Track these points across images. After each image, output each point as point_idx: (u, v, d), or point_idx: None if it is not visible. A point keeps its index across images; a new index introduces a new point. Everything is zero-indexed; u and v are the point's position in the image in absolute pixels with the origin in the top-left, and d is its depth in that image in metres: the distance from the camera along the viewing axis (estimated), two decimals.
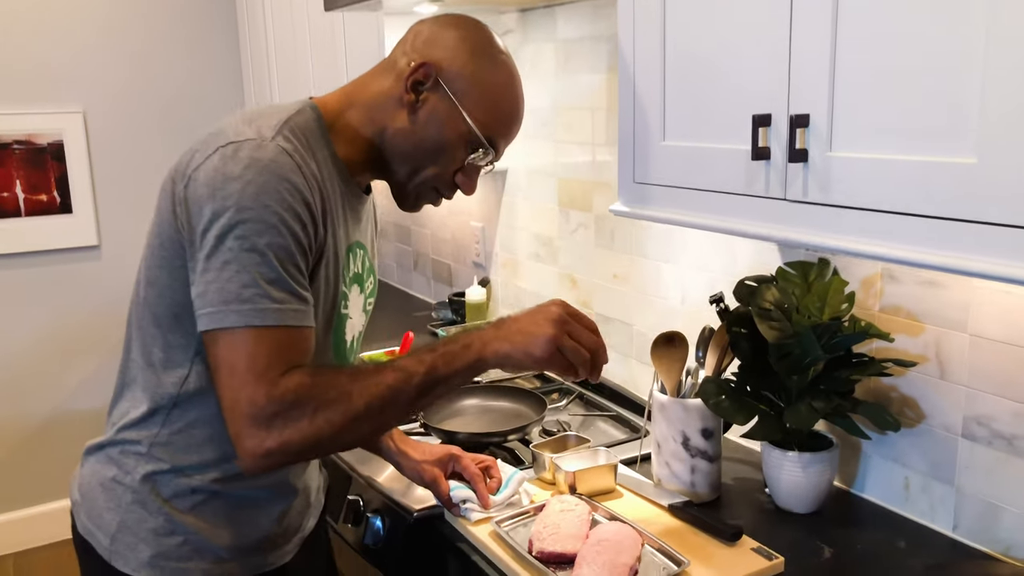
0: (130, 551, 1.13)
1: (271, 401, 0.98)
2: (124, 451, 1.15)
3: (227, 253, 0.99)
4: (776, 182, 1.10)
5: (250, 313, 0.99)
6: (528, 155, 2.25)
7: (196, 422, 1.13)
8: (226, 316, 0.99)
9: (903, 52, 0.94)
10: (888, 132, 0.97)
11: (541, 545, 1.24)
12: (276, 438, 0.98)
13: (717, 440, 1.44)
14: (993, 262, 0.88)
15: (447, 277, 2.85)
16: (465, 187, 1.21)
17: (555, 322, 1.06)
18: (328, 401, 1.00)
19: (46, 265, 3.28)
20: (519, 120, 1.21)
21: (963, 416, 1.28)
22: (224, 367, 1.00)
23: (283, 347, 1.01)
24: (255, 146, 1.03)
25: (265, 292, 1.00)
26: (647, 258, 1.87)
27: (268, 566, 1.22)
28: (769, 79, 1.09)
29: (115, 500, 1.15)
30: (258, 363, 0.99)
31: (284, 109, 1.12)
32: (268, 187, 1.00)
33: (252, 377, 0.98)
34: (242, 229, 0.99)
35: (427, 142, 1.15)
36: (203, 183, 1.02)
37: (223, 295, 0.99)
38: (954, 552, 1.28)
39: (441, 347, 1.07)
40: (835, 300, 1.30)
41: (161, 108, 3.44)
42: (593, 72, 1.95)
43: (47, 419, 3.37)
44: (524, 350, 1.05)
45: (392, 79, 1.16)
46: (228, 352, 1.00)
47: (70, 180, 3.25)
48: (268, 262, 1.00)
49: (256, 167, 1.01)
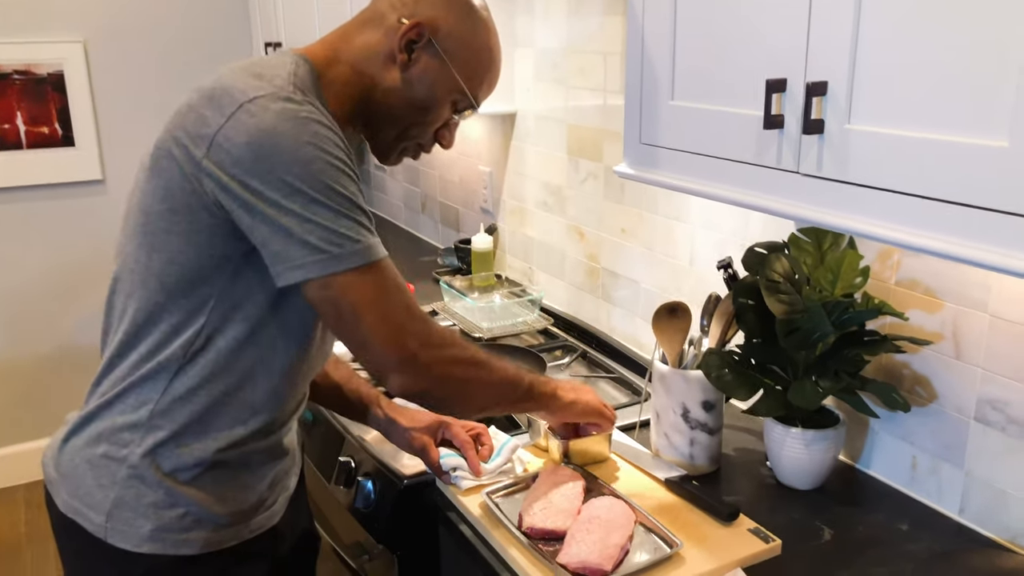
0: (128, 527, 1.10)
1: (435, 332, 1.08)
2: (117, 426, 1.11)
3: (315, 202, 0.98)
4: (789, 154, 1.03)
5: (369, 250, 1.01)
6: (538, 98, 2.15)
7: (199, 388, 1.10)
8: (347, 259, 1.00)
9: (934, 18, 0.85)
10: (912, 106, 0.88)
11: (531, 521, 1.21)
12: (443, 367, 1.09)
13: (718, 412, 1.39)
14: (1019, 257, 0.80)
15: (454, 221, 2.78)
16: (446, 141, 1.22)
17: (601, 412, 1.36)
18: (475, 360, 1.14)
19: (49, 199, 3.24)
20: (499, 74, 1.23)
21: (977, 399, 1.22)
22: (374, 305, 1.02)
23: (399, 275, 1.07)
24: (285, 98, 1.01)
25: (368, 228, 1.03)
26: (657, 214, 1.80)
27: (260, 528, 1.21)
28: (786, 41, 1.01)
29: (108, 476, 1.11)
30: (402, 295, 1.05)
31: (283, 63, 1.08)
32: (318, 135, 1.00)
33: (408, 308, 1.05)
34: (315, 176, 0.98)
35: (417, 100, 1.15)
36: (242, 144, 0.98)
37: (333, 238, 0.99)
38: (959, 538, 1.23)
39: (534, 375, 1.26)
40: (848, 275, 1.23)
41: (165, 39, 3.34)
42: (606, 14, 1.84)
43: (51, 354, 3.37)
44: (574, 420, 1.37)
45: (380, 34, 1.13)
46: (370, 290, 1.02)
47: (71, 112, 3.18)
48: (353, 202, 1.01)
49: (294, 118, 0.99)
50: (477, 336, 1.97)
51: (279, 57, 1.09)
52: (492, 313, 2.08)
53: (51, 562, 2.83)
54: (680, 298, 1.73)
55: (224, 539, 1.15)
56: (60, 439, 1.18)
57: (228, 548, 1.16)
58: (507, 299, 2.18)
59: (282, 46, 3.01)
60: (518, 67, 2.21)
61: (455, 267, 2.54)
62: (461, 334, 1.51)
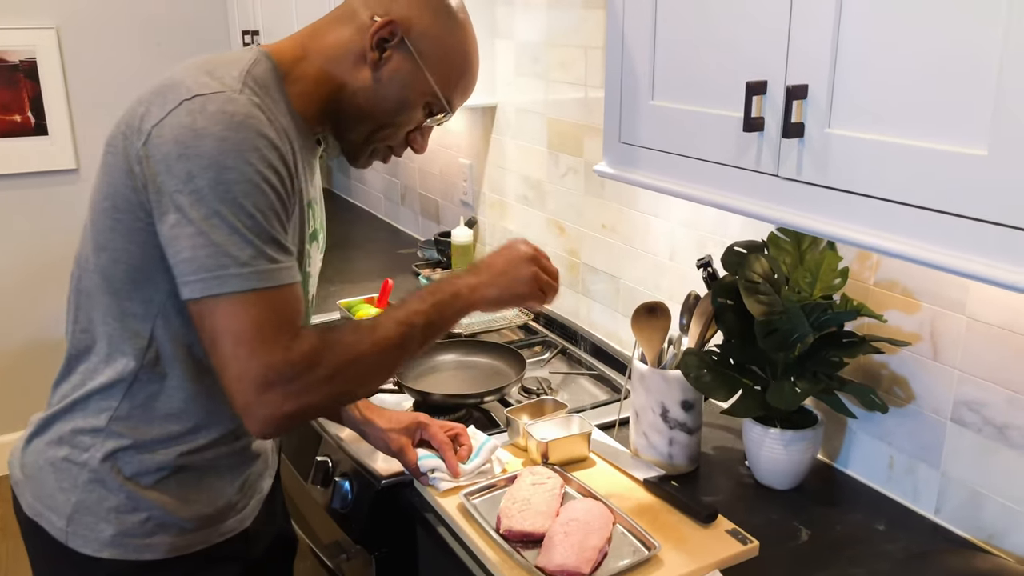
0: (89, 531, 1.08)
1: (289, 366, 0.95)
2: (78, 429, 1.09)
3: (214, 215, 0.93)
4: (769, 157, 1.02)
5: (252, 276, 0.94)
6: (518, 91, 2.13)
7: (159, 394, 1.08)
8: (225, 281, 0.94)
9: (915, 26, 0.84)
10: (892, 112, 0.88)
11: (509, 523, 1.20)
12: (295, 402, 0.96)
13: (697, 412, 1.38)
14: (999, 266, 0.80)
15: (434, 213, 2.76)
16: (418, 146, 1.18)
17: (531, 260, 1.15)
18: (344, 361, 1.00)
19: (22, 188, 3.18)
20: (475, 79, 1.18)
21: (954, 400, 1.23)
22: (228, 336, 0.94)
23: (286, 308, 0.98)
24: (225, 99, 0.96)
25: (262, 252, 0.95)
26: (637, 210, 1.79)
27: (231, 531, 1.19)
28: (766, 43, 1.00)
29: (69, 480, 1.09)
30: (268, 328, 0.95)
31: (241, 59, 1.04)
32: (246, 144, 0.95)
33: (265, 344, 0.94)
34: (226, 189, 0.93)
35: (388, 101, 1.10)
36: (170, 140, 0.94)
37: (217, 259, 0.93)
38: (935, 537, 1.24)
39: (429, 297, 1.08)
40: (827, 276, 1.23)
41: (139, 26, 3.28)
42: (587, 7, 1.82)
43: (23, 345, 3.32)
44: (511, 291, 1.13)
45: (351, 31, 1.09)
46: (231, 320, 0.94)
47: (44, 100, 3.12)
48: (257, 222, 0.95)
49: (230, 122, 0.95)
50: (456, 331, 1.96)
51: (241, 53, 1.06)
52: None
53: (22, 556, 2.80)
54: (660, 294, 1.73)
55: (191, 543, 1.13)
56: (24, 440, 1.16)
57: (196, 552, 1.14)
58: None
59: (259, 34, 2.96)
60: (499, 59, 2.19)
61: (435, 260, 2.52)
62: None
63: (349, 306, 1.96)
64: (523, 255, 1.14)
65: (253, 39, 2.99)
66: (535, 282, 1.14)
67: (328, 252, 1.32)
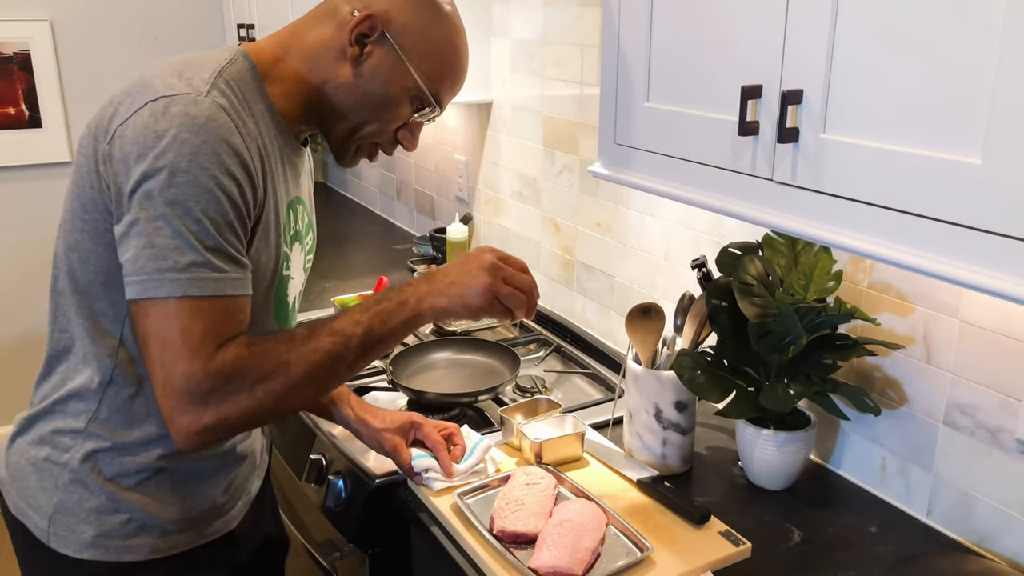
0: (70, 532, 1.08)
1: (208, 376, 0.93)
2: (58, 430, 1.09)
3: (160, 218, 0.92)
4: (763, 161, 1.02)
5: (187, 282, 0.93)
6: (514, 88, 2.13)
7: (135, 396, 1.07)
8: (160, 285, 0.92)
9: (910, 31, 0.84)
10: (888, 119, 0.88)
11: (503, 524, 1.20)
12: (213, 414, 0.94)
13: (691, 413, 1.39)
14: (990, 274, 0.80)
15: (430, 209, 2.75)
16: (407, 143, 1.15)
17: (489, 270, 1.05)
18: (266, 373, 0.96)
19: (15, 181, 3.17)
20: (464, 74, 1.15)
21: (946, 403, 1.23)
22: (155, 340, 0.94)
23: (219, 318, 0.95)
24: (189, 101, 0.95)
25: (204, 259, 0.94)
26: (632, 209, 1.79)
27: (215, 533, 1.18)
28: (762, 47, 0.99)
29: (51, 481, 1.09)
30: (193, 336, 0.93)
31: (215, 59, 1.03)
32: (204, 148, 0.93)
33: (187, 351, 0.92)
34: (176, 192, 0.92)
35: (370, 97, 1.08)
36: (131, 140, 0.94)
37: (157, 262, 0.92)
38: (927, 539, 1.24)
39: (374, 305, 1.03)
40: (821, 279, 1.23)
41: (134, 18, 3.27)
42: (583, 5, 1.82)
43: (16, 339, 3.31)
44: (461, 303, 1.04)
45: (333, 28, 1.08)
46: (160, 324, 0.93)
47: (39, 93, 3.11)
48: (205, 228, 0.94)
49: (190, 125, 0.93)
50: (451, 329, 1.96)
51: (217, 53, 1.05)
52: None
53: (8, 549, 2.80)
54: (654, 293, 1.74)
55: (173, 545, 1.13)
56: (8, 438, 1.16)
57: (178, 554, 1.13)
58: None
59: (255, 28, 2.95)
60: (494, 56, 2.18)
61: (430, 256, 2.51)
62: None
63: (344, 303, 1.96)
64: (481, 264, 1.05)
65: (248, 33, 2.98)
66: (489, 293, 1.04)
67: (322, 247, 1.31)
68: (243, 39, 3.03)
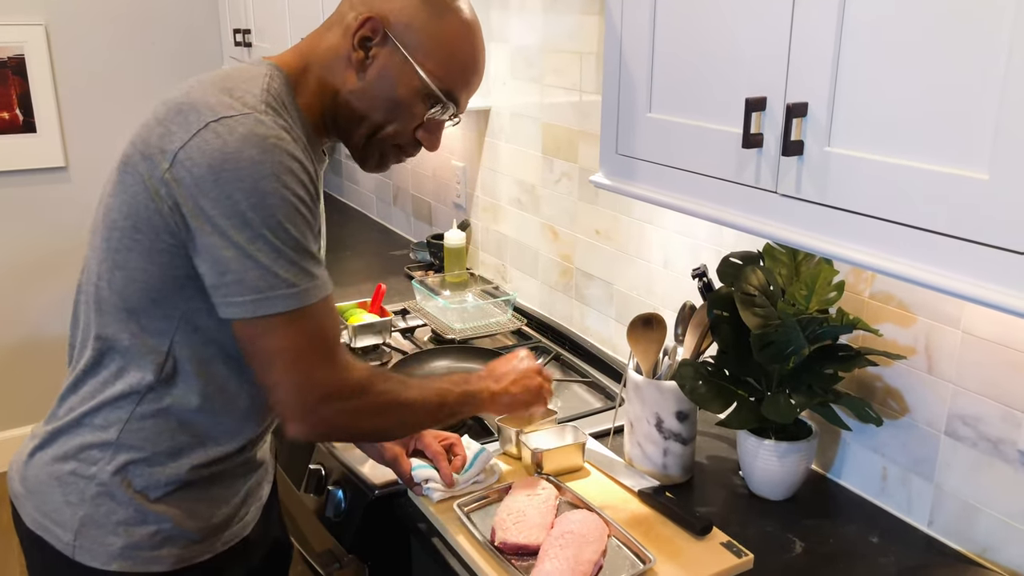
0: (98, 545, 1.08)
1: (347, 385, 1.04)
2: (87, 443, 1.08)
3: (259, 238, 0.96)
4: (768, 173, 1.01)
5: (301, 295, 0.99)
6: (513, 95, 2.12)
7: (171, 407, 1.07)
8: (276, 301, 0.98)
9: (917, 44, 0.84)
10: (893, 132, 0.88)
11: (504, 535, 1.20)
12: (346, 419, 1.06)
13: (692, 423, 1.38)
14: (996, 289, 0.80)
15: (427, 215, 2.75)
16: (428, 143, 1.16)
17: (538, 373, 1.31)
18: (391, 400, 1.10)
19: (10, 187, 3.15)
20: (479, 69, 1.14)
21: (948, 414, 1.23)
22: (286, 354, 1.00)
23: (330, 321, 1.04)
24: (254, 121, 0.97)
25: (306, 271, 1.00)
26: (631, 217, 1.79)
27: (233, 539, 1.19)
28: (767, 59, 0.99)
29: (76, 494, 1.08)
30: (322, 343, 1.02)
31: (256, 75, 1.04)
32: (280, 166, 0.96)
33: (323, 359, 1.02)
34: (267, 211, 0.95)
35: (381, 100, 1.09)
36: (204, 164, 0.95)
37: (267, 280, 0.97)
38: (929, 551, 1.24)
39: (463, 384, 1.21)
40: (823, 290, 1.23)
41: (130, 22, 3.25)
42: (583, 13, 1.81)
43: (12, 346, 3.29)
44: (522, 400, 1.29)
45: (340, 35, 1.09)
46: (286, 338, 1.00)
47: (33, 98, 3.09)
48: (298, 242, 0.99)
49: (261, 144, 0.96)
50: (450, 337, 1.95)
51: (253, 69, 1.06)
52: (465, 314, 2.06)
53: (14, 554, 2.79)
54: (653, 300, 1.73)
55: (196, 554, 1.13)
56: (26, 453, 1.15)
57: (201, 562, 1.14)
58: (480, 299, 2.16)
59: (251, 32, 2.94)
60: (493, 62, 2.18)
61: (427, 263, 2.51)
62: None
63: (342, 311, 1.95)
64: (535, 387, 1.29)
65: (244, 37, 2.97)
66: (540, 391, 1.30)
67: None
68: (239, 44, 3.02)
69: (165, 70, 3.36)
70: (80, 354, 1.11)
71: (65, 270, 3.26)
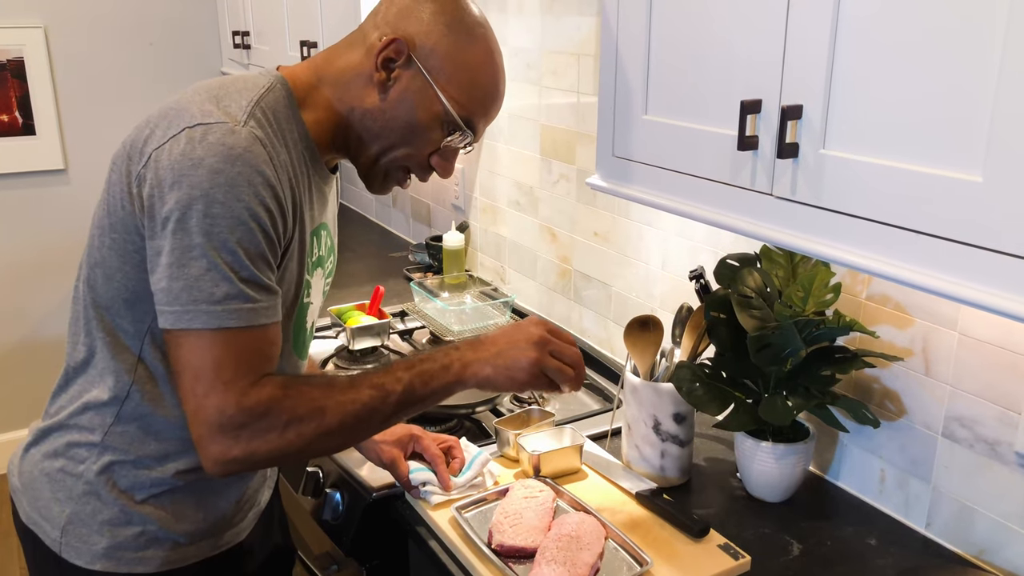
0: (82, 543, 1.08)
1: (240, 411, 0.94)
2: (74, 442, 1.09)
3: (196, 248, 0.93)
4: (763, 176, 1.01)
5: (222, 315, 0.93)
6: (511, 97, 2.12)
7: (153, 412, 1.07)
8: (195, 316, 0.93)
9: (911, 48, 0.84)
10: (887, 135, 0.88)
11: (501, 538, 1.20)
12: (243, 448, 0.95)
13: (689, 425, 1.38)
14: (991, 292, 0.80)
15: (426, 216, 2.75)
16: (442, 170, 1.13)
17: (537, 344, 1.05)
18: (300, 416, 0.97)
19: (10, 189, 3.15)
20: (499, 98, 1.12)
21: (945, 415, 1.23)
22: (189, 371, 0.94)
23: (253, 349, 0.96)
24: (226, 131, 0.95)
25: (239, 291, 0.94)
26: (629, 219, 1.79)
27: (226, 545, 1.19)
28: (762, 61, 0.99)
29: (64, 491, 1.09)
30: (227, 370, 0.94)
31: (253, 86, 1.03)
32: (240, 178, 0.93)
33: (221, 384, 0.93)
34: (212, 222, 0.92)
35: (399, 123, 1.07)
36: (167, 166, 0.94)
37: (192, 293, 0.93)
38: (926, 552, 1.24)
39: (419, 364, 1.04)
40: (820, 292, 1.23)
41: (129, 25, 3.26)
42: (581, 15, 1.82)
43: (12, 348, 3.30)
44: (507, 375, 1.05)
45: (362, 53, 1.07)
46: (194, 355, 0.94)
47: (32, 100, 3.09)
48: (239, 259, 0.94)
49: (227, 155, 0.93)
50: (448, 339, 1.95)
51: (255, 79, 1.05)
52: (463, 316, 2.07)
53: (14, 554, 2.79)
54: (651, 302, 1.73)
55: (185, 557, 1.13)
56: (22, 448, 1.17)
57: (190, 566, 1.14)
58: (479, 301, 2.16)
59: (250, 34, 2.94)
60: None
61: (426, 264, 2.51)
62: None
63: (340, 313, 1.95)
64: (529, 337, 1.05)
65: (243, 40, 2.97)
66: (536, 367, 1.04)
67: None
68: (238, 46, 3.02)
69: (164, 73, 3.36)
70: (70, 352, 1.12)
71: (65, 272, 3.26)
